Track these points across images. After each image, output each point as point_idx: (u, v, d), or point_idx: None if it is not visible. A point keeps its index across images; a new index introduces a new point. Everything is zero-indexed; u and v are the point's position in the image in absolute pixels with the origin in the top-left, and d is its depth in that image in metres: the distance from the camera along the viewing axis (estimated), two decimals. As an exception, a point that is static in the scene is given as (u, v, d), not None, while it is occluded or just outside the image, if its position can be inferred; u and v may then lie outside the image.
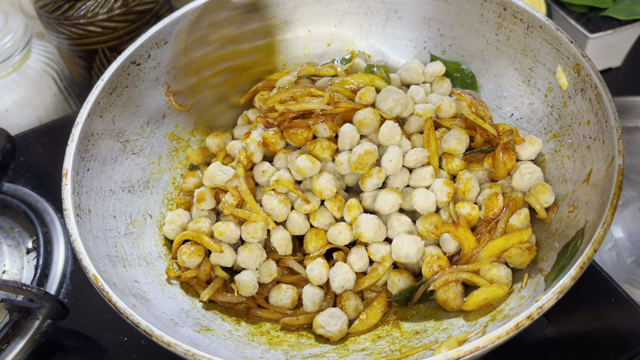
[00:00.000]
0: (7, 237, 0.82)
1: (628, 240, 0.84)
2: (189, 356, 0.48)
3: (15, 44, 0.98)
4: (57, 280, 0.75)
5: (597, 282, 0.68)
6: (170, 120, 0.76)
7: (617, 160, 0.55)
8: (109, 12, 0.94)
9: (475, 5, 0.71)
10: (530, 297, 0.56)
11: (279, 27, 0.80)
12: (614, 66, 1.00)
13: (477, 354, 0.46)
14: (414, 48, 0.79)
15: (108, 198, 0.66)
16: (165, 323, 0.57)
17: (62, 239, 0.79)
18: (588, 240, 0.51)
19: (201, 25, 0.74)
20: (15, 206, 0.83)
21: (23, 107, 1.00)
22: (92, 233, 0.60)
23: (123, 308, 0.52)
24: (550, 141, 0.67)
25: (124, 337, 0.69)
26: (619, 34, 0.94)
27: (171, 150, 0.76)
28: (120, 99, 0.70)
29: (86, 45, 0.98)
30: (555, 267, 0.57)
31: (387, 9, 0.79)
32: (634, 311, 0.66)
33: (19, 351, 0.69)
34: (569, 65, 0.64)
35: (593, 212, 0.55)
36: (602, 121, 0.59)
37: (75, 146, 0.64)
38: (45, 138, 0.95)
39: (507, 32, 0.70)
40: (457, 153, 0.66)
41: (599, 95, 0.60)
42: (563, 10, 0.97)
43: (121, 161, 0.70)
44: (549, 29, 0.65)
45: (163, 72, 0.74)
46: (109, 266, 0.59)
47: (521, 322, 0.47)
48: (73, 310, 0.71)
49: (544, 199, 0.63)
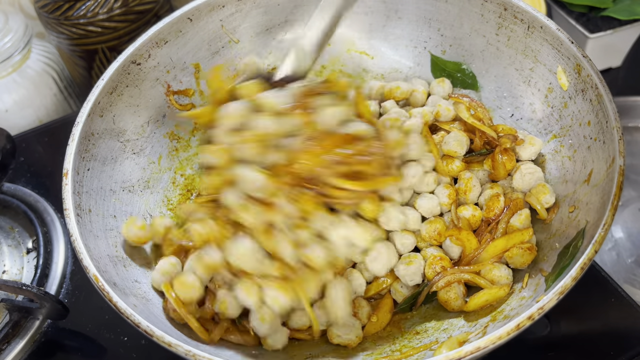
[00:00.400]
0: (7, 237, 0.82)
1: (628, 241, 0.84)
2: (190, 356, 0.48)
3: (15, 44, 0.98)
4: (57, 280, 0.75)
5: (597, 282, 0.68)
6: (171, 120, 0.76)
7: (618, 160, 0.55)
8: (109, 12, 0.94)
9: (475, 6, 0.71)
10: (530, 297, 0.56)
11: (279, 27, 0.80)
12: (614, 66, 1.00)
13: (477, 355, 0.46)
14: (414, 48, 0.79)
15: (108, 198, 0.66)
16: (165, 323, 0.57)
17: (62, 239, 0.79)
18: (589, 241, 0.51)
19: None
20: (15, 206, 0.83)
21: (23, 107, 1.00)
22: (92, 233, 0.60)
23: (124, 308, 0.52)
24: (550, 142, 0.67)
25: (124, 337, 0.69)
26: (619, 34, 0.94)
27: (171, 150, 0.76)
28: (120, 99, 0.70)
29: (86, 45, 0.98)
30: (555, 268, 0.57)
31: (387, 9, 0.79)
32: (634, 311, 0.66)
33: (19, 351, 0.69)
34: (570, 65, 0.64)
35: (594, 212, 0.55)
36: (602, 122, 0.59)
37: (75, 146, 0.64)
38: (45, 138, 0.95)
39: (508, 33, 0.70)
40: (458, 155, 0.66)
41: (599, 95, 0.60)
42: (563, 10, 0.97)
43: (121, 161, 0.70)
44: (550, 29, 0.65)
45: (163, 71, 0.74)
46: (109, 266, 0.59)
47: (522, 323, 0.47)
48: (73, 310, 0.71)
49: (544, 200, 0.63)
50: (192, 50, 0.76)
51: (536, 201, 0.63)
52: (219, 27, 0.77)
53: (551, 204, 0.63)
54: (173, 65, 0.75)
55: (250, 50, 0.80)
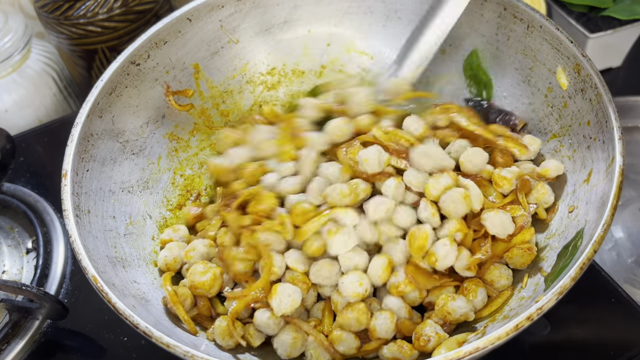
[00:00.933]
0: (6, 237, 0.82)
1: (628, 240, 0.83)
2: (189, 357, 0.48)
3: (14, 44, 0.98)
4: (57, 280, 0.75)
5: (597, 282, 0.68)
6: (170, 120, 0.76)
7: (618, 160, 0.54)
8: (108, 12, 0.94)
9: (475, 5, 0.71)
10: (530, 297, 0.56)
11: (279, 27, 0.80)
12: (614, 66, 1.00)
13: (476, 355, 0.46)
14: (414, 48, 0.79)
15: (107, 198, 0.66)
16: (164, 324, 0.57)
17: (62, 239, 0.79)
18: (588, 241, 0.51)
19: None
20: (15, 206, 0.83)
21: (23, 107, 1.00)
22: (91, 234, 0.60)
23: (122, 309, 0.52)
24: (550, 141, 0.67)
25: (123, 337, 0.69)
26: (619, 33, 0.94)
27: (171, 150, 0.76)
28: (119, 99, 0.70)
29: (86, 45, 0.98)
30: (555, 268, 0.57)
31: (387, 9, 0.79)
32: (634, 311, 0.66)
33: (19, 351, 0.69)
34: (569, 65, 0.64)
35: (593, 212, 0.55)
36: (602, 121, 0.59)
37: (74, 147, 0.64)
38: (45, 138, 0.95)
39: (507, 32, 0.70)
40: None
41: (599, 95, 0.59)
42: (563, 10, 0.97)
43: (121, 161, 0.70)
44: (549, 29, 0.65)
45: (162, 72, 0.74)
46: (108, 267, 0.59)
47: (521, 323, 0.47)
48: (73, 310, 0.71)
49: (543, 200, 0.63)
50: (191, 51, 0.76)
51: (535, 201, 0.63)
52: (218, 28, 0.77)
53: (550, 203, 0.63)
54: (172, 66, 0.75)
55: (250, 50, 0.80)
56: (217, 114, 0.79)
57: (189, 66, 0.77)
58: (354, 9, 0.80)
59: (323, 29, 0.81)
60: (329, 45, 0.82)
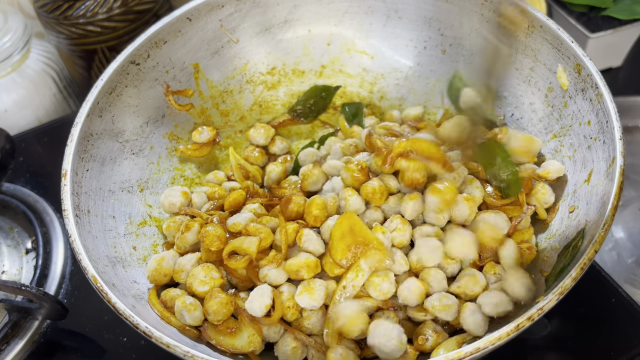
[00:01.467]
0: (6, 237, 0.82)
1: (628, 241, 0.83)
2: (189, 357, 0.48)
3: (14, 44, 0.98)
4: (57, 280, 0.75)
5: (597, 282, 0.68)
6: (170, 120, 0.76)
7: (618, 160, 0.54)
8: (108, 11, 0.94)
9: (475, 5, 0.71)
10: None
11: (279, 27, 0.80)
12: (614, 66, 1.00)
13: (477, 355, 0.46)
14: (414, 48, 0.79)
15: (107, 198, 0.66)
16: (164, 324, 0.57)
17: (62, 239, 0.79)
18: (589, 241, 0.51)
19: None
20: (15, 206, 0.82)
21: (22, 107, 1.00)
22: (91, 234, 0.60)
23: (122, 309, 0.52)
24: (550, 141, 0.67)
25: (123, 337, 0.69)
26: (620, 33, 0.94)
27: (170, 150, 0.76)
28: (119, 99, 0.70)
29: (85, 45, 0.98)
30: (555, 268, 0.57)
31: (387, 9, 0.79)
32: (634, 311, 0.66)
33: (19, 351, 0.69)
34: (570, 65, 0.64)
35: (594, 212, 0.55)
36: (602, 121, 0.59)
37: (74, 146, 0.63)
38: (44, 138, 0.95)
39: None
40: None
41: (599, 95, 0.59)
42: (563, 10, 0.97)
43: (120, 161, 0.70)
44: (550, 28, 0.65)
45: (162, 71, 0.74)
46: (108, 267, 0.58)
47: (521, 324, 0.47)
48: (72, 310, 0.71)
49: (544, 200, 0.63)
50: (191, 50, 0.76)
51: (536, 201, 0.63)
52: (218, 27, 0.77)
53: (551, 204, 0.63)
54: (172, 66, 0.75)
55: (250, 50, 0.80)
56: (217, 113, 0.79)
57: (189, 66, 0.77)
58: (354, 8, 0.79)
59: (323, 29, 0.81)
60: (329, 45, 0.82)
